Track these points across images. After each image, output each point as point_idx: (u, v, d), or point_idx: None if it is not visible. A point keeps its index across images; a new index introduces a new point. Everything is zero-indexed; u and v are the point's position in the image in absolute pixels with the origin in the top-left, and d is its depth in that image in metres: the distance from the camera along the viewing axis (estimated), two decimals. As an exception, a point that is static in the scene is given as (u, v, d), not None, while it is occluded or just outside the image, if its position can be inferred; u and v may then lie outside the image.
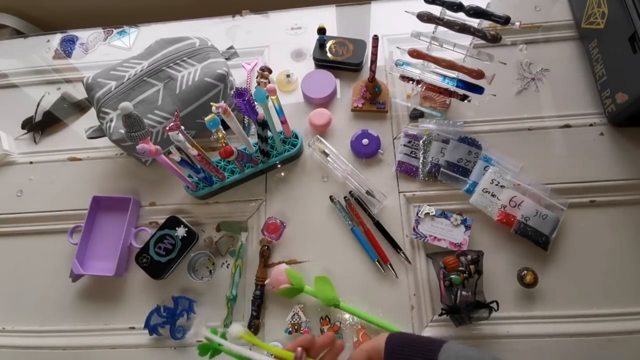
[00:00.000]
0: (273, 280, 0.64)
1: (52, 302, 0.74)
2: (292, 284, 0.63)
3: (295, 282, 0.63)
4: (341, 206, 0.73)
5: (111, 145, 0.78)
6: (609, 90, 0.73)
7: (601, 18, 0.74)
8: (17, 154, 0.86)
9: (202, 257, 0.73)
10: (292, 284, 0.63)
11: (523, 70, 0.81)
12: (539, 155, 0.74)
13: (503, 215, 0.68)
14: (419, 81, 0.77)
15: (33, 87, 0.93)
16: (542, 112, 0.77)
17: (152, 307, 0.70)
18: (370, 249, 0.70)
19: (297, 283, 0.63)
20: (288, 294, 0.64)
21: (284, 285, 0.63)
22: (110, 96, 0.73)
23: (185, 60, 0.75)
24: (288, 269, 0.64)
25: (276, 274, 0.64)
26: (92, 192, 0.77)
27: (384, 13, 0.91)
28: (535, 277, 0.64)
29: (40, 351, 0.71)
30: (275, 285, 0.63)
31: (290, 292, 0.63)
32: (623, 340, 0.62)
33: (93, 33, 0.97)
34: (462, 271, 0.63)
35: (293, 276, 0.64)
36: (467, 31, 0.67)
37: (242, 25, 0.94)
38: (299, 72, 0.86)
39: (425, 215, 0.70)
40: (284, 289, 0.63)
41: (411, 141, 0.76)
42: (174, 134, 0.59)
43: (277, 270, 0.65)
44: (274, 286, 0.64)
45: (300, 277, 0.64)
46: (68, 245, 0.75)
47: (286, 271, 0.64)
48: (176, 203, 0.78)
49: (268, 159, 0.75)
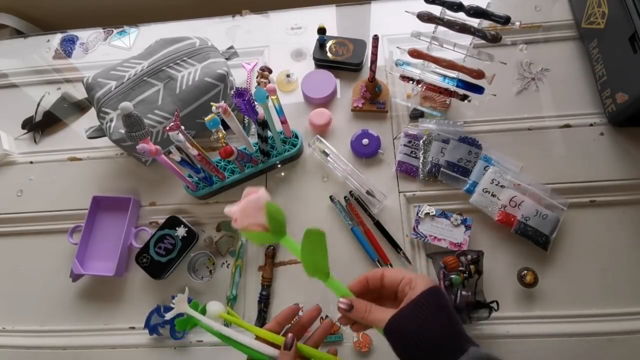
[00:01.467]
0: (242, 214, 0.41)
1: (52, 302, 0.74)
2: (268, 228, 0.41)
3: (274, 227, 0.42)
4: (341, 206, 0.73)
5: (111, 145, 0.78)
6: (609, 90, 0.73)
7: (601, 18, 0.74)
8: (17, 153, 0.86)
9: (202, 257, 0.73)
10: (269, 229, 0.41)
11: (523, 70, 0.81)
12: (539, 155, 0.74)
13: (503, 215, 0.68)
14: (419, 81, 0.77)
15: (33, 87, 0.93)
16: (542, 112, 0.77)
17: (152, 307, 0.70)
18: (370, 249, 0.70)
19: (275, 228, 0.42)
20: (258, 238, 0.42)
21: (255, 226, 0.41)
22: (110, 96, 0.73)
23: (185, 60, 0.75)
24: (269, 204, 0.42)
25: (252, 204, 0.41)
26: (92, 192, 0.77)
27: (384, 13, 0.91)
28: (535, 277, 0.64)
29: (40, 351, 0.71)
30: (241, 221, 0.41)
31: (261, 237, 0.42)
32: (623, 340, 0.62)
33: (93, 33, 0.97)
34: (462, 271, 0.64)
35: (273, 216, 0.42)
36: (467, 31, 0.67)
37: (242, 25, 0.94)
38: (299, 72, 0.86)
39: (426, 215, 0.70)
40: (253, 233, 0.41)
41: (411, 141, 0.76)
42: (174, 133, 0.59)
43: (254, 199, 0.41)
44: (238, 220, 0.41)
45: (283, 220, 0.43)
46: (68, 245, 0.75)
47: (265, 205, 0.41)
48: (176, 203, 0.78)
49: (268, 159, 0.75)
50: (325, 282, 0.45)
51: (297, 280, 0.71)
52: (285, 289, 0.70)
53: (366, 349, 0.64)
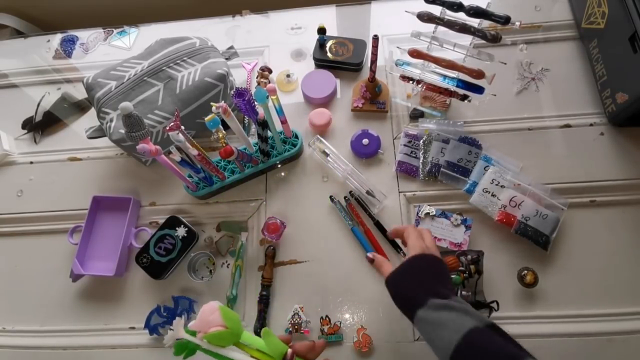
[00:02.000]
0: (201, 321, 0.47)
1: (52, 302, 0.74)
2: (226, 326, 0.46)
3: (231, 325, 0.46)
4: (341, 206, 0.73)
5: (111, 145, 0.78)
6: (609, 90, 0.73)
7: (601, 18, 0.74)
8: (17, 154, 0.86)
9: (202, 257, 0.73)
10: (227, 327, 0.46)
11: (523, 70, 0.81)
12: (539, 155, 0.74)
13: (503, 215, 0.68)
14: (419, 81, 0.77)
15: (33, 87, 0.93)
16: (542, 112, 0.77)
17: (152, 307, 0.70)
18: (370, 249, 0.70)
19: (232, 326, 0.47)
20: (221, 340, 0.46)
21: (215, 328, 0.46)
22: (110, 96, 0.73)
23: (185, 60, 0.75)
24: (222, 306, 0.48)
25: (206, 312, 0.47)
26: (92, 192, 0.77)
27: (384, 13, 0.91)
28: (536, 277, 0.64)
29: (40, 351, 0.71)
30: (202, 327, 0.46)
31: (223, 338, 0.46)
32: (623, 340, 0.62)
33: (93, 33, 0.97)
34: (462, 271, 0.64)
35: (228, 317, 0.47)
36: (467, 31, 0.67)
37: (242, 25, 0.94)
38: (299, 72, 0.86)
39: (426, 215, 0.70)
40: (214, 334, 0.46)
41: (411, 141, 0.76)
42: (174, 133, 0.59)
43: (208, 308, 0.48)
44: (198, 328, 0.47)
45: (238, 319, 0.48)
46: (68, 245, 0.75)
47: (220, 309, 0.47)
48: (176, 203, 0.78)
49: (268, 159, 0.75)
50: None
51: (297, 280, 0.71)
52: (285, 289, 0.70)
53: (366, 349, 0.64)
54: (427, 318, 0.48)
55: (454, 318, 0.46)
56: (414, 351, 0.65)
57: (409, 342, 0.65)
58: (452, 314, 0.47)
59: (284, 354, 0.48)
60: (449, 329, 0.46)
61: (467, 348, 0.44)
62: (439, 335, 0.46)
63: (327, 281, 0.70)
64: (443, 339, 0.46)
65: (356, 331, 0.66)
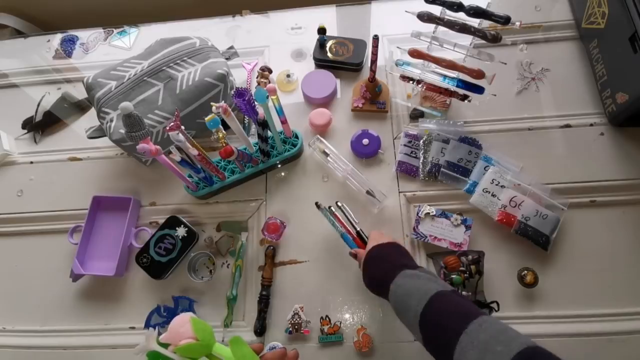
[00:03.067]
0: (171, 334, 0.46)
1: (52, 302, 0.74)
2: (197, 338, 0.46)
3: (202, 337, 0.46)
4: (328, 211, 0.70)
5: (111, 145, 0.78)
6: (609, 90, 0.73)
7: (601, 18, 0.74)
8: (17, 153, 0.86)
9: (203, 257, 0.73)
10: (198, 339, 0.46)
11: (523, 70, 0.81)
12: (539, 155, 0.74)
13: (503, 215, 0.68)
14: (419, 81, 0.77)
15: (33, 87, 0.93)
16: (542, 112, 0.77)
17: (152, 307, 0.70)
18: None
19: (204, 338, 0.46)
20: (192, 352, 0.46)
21: (186, 341, 0.45)
22: (110, 96, 0.73)
23: (185, 60, 0.75)
24: (194, 318, 0.47)
25: (177, 324, 0.47)
26: (93, 192, 0.77)
27: (384, 13, 0.91)
28: (536, 277, 0.64)
29: (40, 351, 0.71)
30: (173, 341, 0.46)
31: (194, 350, 0.46)
32: (623, 340, 0.62)
33: (93, 33, 0.97)
34: (462, 271, 0.64)
35: (199, 328, 0.46)
36: (468, 31, 0.67)
37: (242, 25, 0.94)
38: (299, 72, 0.86)
39: (426, 215, 0.70)
40: (185, 346, 0.45)
41: (411, 141, 0.76)
42: (174, 133, 0.59)
43: (179, 320, 0.47)
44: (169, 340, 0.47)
45: (210, 331, 0.48)
46: (68, 245, 0.75)
47: (191, 321, 0.47)
48: (176, 203, 0.78)
49: (268, 159, 0.75)
50: None
51: (297, 281, 0.71)
52: (285, 289, 0.70)
53: (366, 348, 0.64)
54: (397, 290, 0.51)
55: (420, 285, 0.49)
56: (414, 351, 0.65)
57: (409, 342, 0.65)
58: (419, 281, 0.50)
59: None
60: (416, 297, 0.48)
61: (430, 313, 0.46)
62: (408, 304, 0.49)
63: (327, 281, 0.70)
64: (411, 307, 0.48)
65: (356, 331, 0.66)
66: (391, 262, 0.56)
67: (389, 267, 0.55)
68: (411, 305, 0.48)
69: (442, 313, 0.46)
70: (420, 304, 0.47)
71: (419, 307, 0.47)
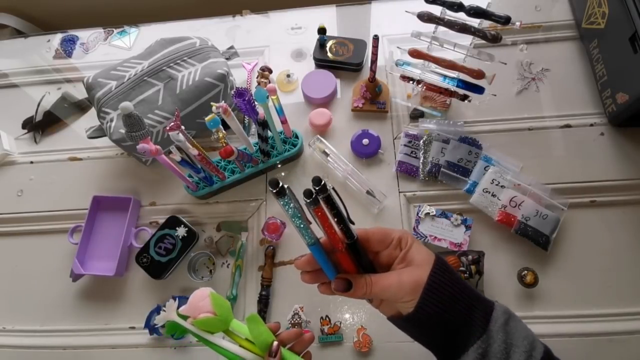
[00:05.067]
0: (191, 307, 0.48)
1: (52, 302, 0.74)
2: (215, 313, 0.47)
3: (221, 313, 0.47)
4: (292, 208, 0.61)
5: (111, 145, 0.78)
6: (609, 90, 0.73)
7: (602, 18, 0.74)
8: (17, 153, 0.86)
9: (203, 257, 0.73)
10: (216, 314, 0.47)
11: (523, 70, 0.81)
12: (539, 155, 0.74)
13: (503, 215, 0.68)
14: (419, 81, 0.77)
15: (33, 87, 0.93)
16: (542, 112, 0.77)
17: (152, 306, 0.70)
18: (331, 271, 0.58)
19: (222, 314, 0.47)
20: (209, 326, 0.47)
21: (205, 314, 0.46)
22: (110, 96, 0.73)
23: (185, 60, 0.75)
24: (213, 293, 0.48)
25: (196, 298, 0.48)
26: (93, 192, 0.77)
27: (384, 13, 0.91)
28: (536, 277, 0.64)
29: (40, 351, 0.71)
30: (192, 313, 0.47)
31: (212, 324, 0.47)
32: (623, 340, 0.62)
33: (93, 33, 0.97)
34: (462, 271, 0.64)
35: (218, 304, 0.47)
36: (468, 31, 0.67)
37: (242, 25, 0.94)
38: (299, 72, 0.86)
39: (426, 215, 0.70)
40: (203, 320, 0.46)
41: (411, 141, 0.76)
42: (174, 133, 0.59)
43: (199, 293, 0.48)
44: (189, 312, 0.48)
45: (228, 307, 0.48)
46: (68, 245, 0.75)
47: (210, 296, 0.48)
48: (176, 203, 0.78)
49: (268, 159, 0.75)
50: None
51: (297, 280, 0.70)
52: (285, 289, 0.70)
53: (366, 349, 0.64)
54: (498, 334, 0.37)
55: (525, 333, 0.38)
56: (414, 351, 0.65)
57: (409, 342, 0.65)
58: (520, 325, 0.39)
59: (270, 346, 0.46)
60: (520, 350, 0.37)
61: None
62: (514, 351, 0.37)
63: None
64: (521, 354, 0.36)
65: (356, 331, 0.66)
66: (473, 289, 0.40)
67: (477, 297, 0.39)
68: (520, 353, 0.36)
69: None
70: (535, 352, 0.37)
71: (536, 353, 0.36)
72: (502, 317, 0.37)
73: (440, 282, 0.38)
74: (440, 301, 0.38)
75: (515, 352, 0.35)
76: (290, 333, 0.49)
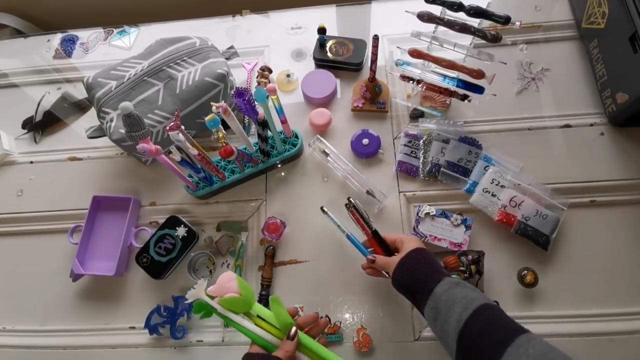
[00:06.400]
0: (218, 287, 0.53)
1: (52, 301, 0.74)
2: (241, 294, 0.52)
3: (245, 294, 0.52)
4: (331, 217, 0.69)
5: (111, 145, 0.78)
6: (609, 90, 0.73)
7: (602, 18, 0.74)
8: (17, 153, 0.86)
9: (203, 256, 0.73)
10: (242, 295, 0.52)
11: (523, 70, 0.81)
12: (539, 155, 0.74)
13: (503, 215, 0.68)
14: (419, 81, 0.77)
15: (33, 86, 0.93)
16: (542, 112, 0.77)
17: (152, 306, 0.70)
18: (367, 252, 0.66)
19: (247, 295, 0.52)
20: (234, 305, 0.52)
21: (231, 294, 0.52)
22: (110, 96, 0.73)
23: (185, 60, 0.75)
24: (238, 277, 0.54)
25: (224, 279, 0.53)
26: (92, 192, 0.77)
27: (384, 13, 0.91)
28: (536, 277, 0.64)
29: (40, 351, 0.71)
30: (219, 293, 0.52)
31: (237, 304, 0.52)
32: (623, 340, 0.62)
33: (93, 33, 0.97)
34: (462, 271, 0.64)
35: (243, 286, 0.53)
36: (468, 31, 0.67)
37: (242, 25, 0.94)
38: (299, 72, 0.86)
39: (426, 215, 0.70)
40: (230, 299, 0.51)
41: (411, 141, 0.76)
42: (174, 133, 0.59)
43: (226, 276, 0.54)
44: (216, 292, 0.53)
45: (252, 290, 0.54)
46: (68, 245, 0.75)
47: (236, 279, 0.53)
48: (176, 203, 0.78)
49: (268, 159, 0.75)
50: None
51: (297, 280, 0.71)
52: (285, 289, 0.70)
53: (366, 349, 0.64)
54: (442, 295, 0.51)
55: (467, 294, 0.50)
56: (414, 351, 0.65)
57: (409, 342, 0.65)
58: (466, 290, 0.51)
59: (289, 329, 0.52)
60: (461, 304, 0.49)
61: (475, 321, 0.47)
62: (452, 310, 0.49)
63: (327, 281, 0.70)
64: (453, 314, 0.48)
65: (356, 331, 0.66)
66: (436, 267, 0.55)
67: (434, 271, 0.54)
68: (454, 312, 0.48)
69: (489, 323, 0.46)
70: (465, 312, 0.47)
71: (463, 315, 0.47)
72: (447, 285, 0.51)
73: (407, 263, 0.56)
74: (403, 274, 0.56)
75: (455, 306, 0.49)
76: (307, 318, 0.56)
